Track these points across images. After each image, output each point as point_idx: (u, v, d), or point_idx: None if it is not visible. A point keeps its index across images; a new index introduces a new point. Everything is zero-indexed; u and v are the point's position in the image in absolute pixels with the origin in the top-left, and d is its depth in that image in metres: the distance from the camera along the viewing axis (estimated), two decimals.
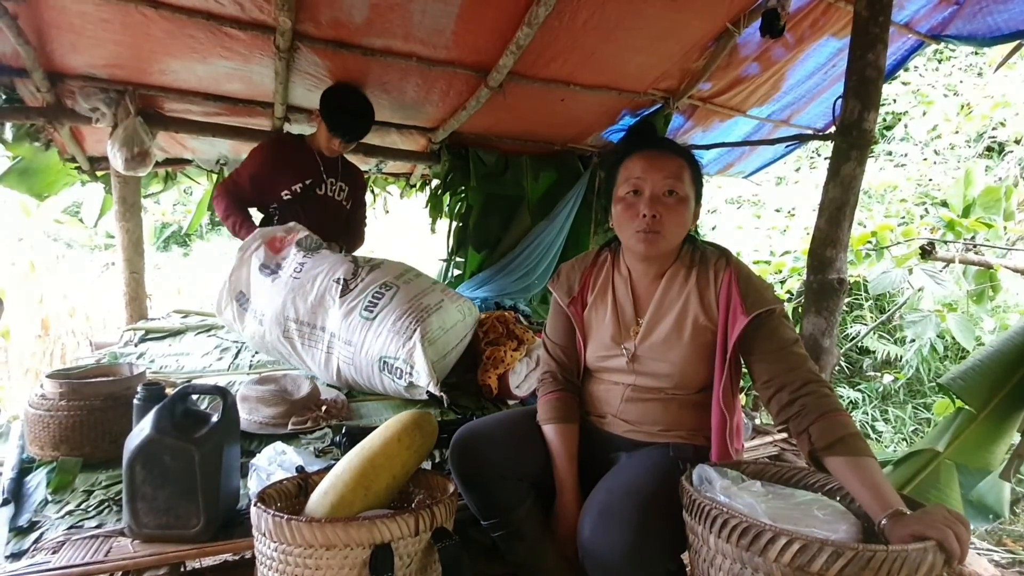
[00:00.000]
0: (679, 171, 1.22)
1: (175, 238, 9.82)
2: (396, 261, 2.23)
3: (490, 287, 3.35)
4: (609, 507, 1.05)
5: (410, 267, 2.21)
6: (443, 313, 2.02)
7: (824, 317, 1.98)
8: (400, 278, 2.09)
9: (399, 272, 2.12)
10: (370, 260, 2.17)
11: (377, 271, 2.10)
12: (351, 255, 2.20)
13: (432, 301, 2.03)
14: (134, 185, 3.06)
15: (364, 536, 0.95)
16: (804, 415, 1.06)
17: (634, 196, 1.22)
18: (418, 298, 2.01)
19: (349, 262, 2.12)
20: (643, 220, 1.19)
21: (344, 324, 1.99)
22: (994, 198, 4.14)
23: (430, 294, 2.06)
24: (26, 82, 2.27)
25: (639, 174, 1.22)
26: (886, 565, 0.78)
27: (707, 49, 2.61)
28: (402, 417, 1.21)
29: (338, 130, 2.49)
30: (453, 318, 2.06)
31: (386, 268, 2.13)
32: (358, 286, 2.04)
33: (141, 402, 1.31)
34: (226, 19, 2.03)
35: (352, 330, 1.98)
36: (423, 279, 2.15)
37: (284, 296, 2.07)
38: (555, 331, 1.40)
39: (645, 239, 1.20)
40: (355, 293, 2.02)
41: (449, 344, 2.03)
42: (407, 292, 2.02)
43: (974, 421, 1.92)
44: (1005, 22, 2.44)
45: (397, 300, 1.99)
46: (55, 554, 1.17)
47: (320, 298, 2.04)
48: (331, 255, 2.18)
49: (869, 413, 4.49)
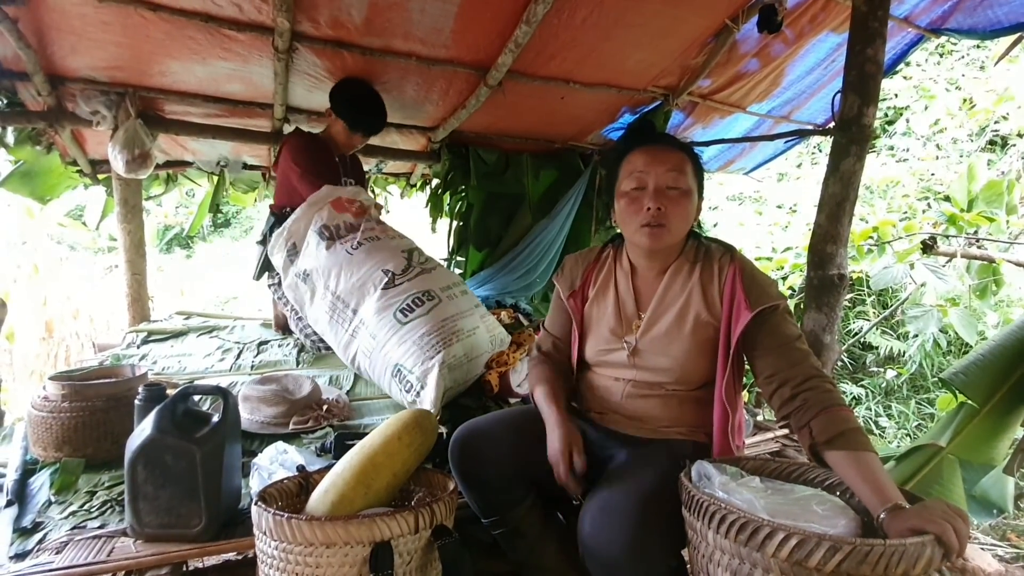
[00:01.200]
0: (681, 164, 1.22)
1: (177, 240, 9.86)
2: (449, 271, 2.17)
3: (491, 286, 3.36)
4: (609, 504, 1.05)
5: (460, 281, 2.15)
6: (473, 340, 1.95)
7: (825, 313, 1.97)
8: (446, 291, 2.01)
9: (447, 284, 2.05)
10: (425, 261, 2.12)
11: (426, 276, 2.03)
12: (408, 249, 2.13)
13: (467, 326, 1.95)
14: (135, 187, 3.07)
15: (364, 534, 0.95)
16: (806, 410, 1.06)
17: (637, 191, 1.22)
18: (454, 319, 1.94)
19: (404, 257, 2.06)
20: (647, 214, 1.19)
21: (376, 317, 1.94)
22: (997, 192, 4.12)
23: (468, 317, 1.99)
24: (27, 86, 2.28)
25: (642, 168, 1.22)
26: (884, 559, 0.78)
27: (706, 45, 2.60)
28: (403, 416, 1.22)
29: (360, 126, 2.49)
30: (481, 347, 1.99)
31: (436, 276, 2.06)
32: (403, 284, 1.97)
33: (142, 403, 1.32)
34: (225, 20, 2.04)
35: (381, 326, 1.93)
36: (467, 298, 2.07)
37: (331, 267, 2.05)
38: (553, 324, 1.42)
39: (650, 233, 1.21)
40: (398, 291, 1.96)
41: (468, 373, 1.96)
42: (446, 309, 1.95)
43: (977, 416, 1.91)
44: (1006, 15, 2.43)
45: (434, 314, 1.91)
46: (59, 554, 1.18)
47: (363, 282, 1.99)
48: (391, 243, 2.13)
49: (872, 409, 4.47)
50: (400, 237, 2.22)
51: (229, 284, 8.31)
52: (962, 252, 3.72)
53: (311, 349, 2.50)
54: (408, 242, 2.19)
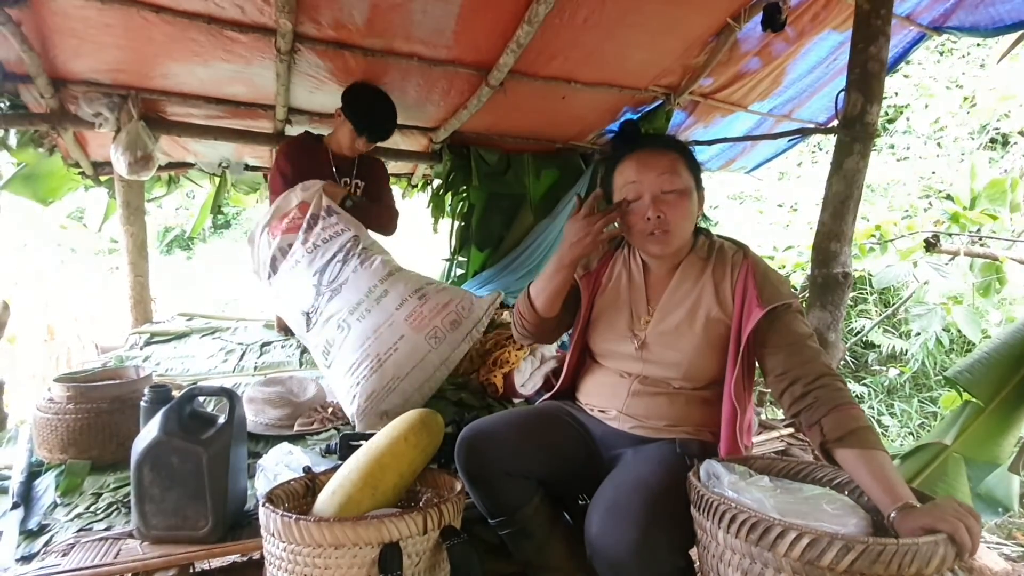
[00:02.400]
0: (673, 165, 1.22)
1: (178, 241, 9.86)
2: (370, 271, 1.88)
3: (493, 286, 3.35)
4: (616, 503, 1.05)
5: (379, 283, 1.85)
6: (400, 356, 1.70)
7: (829, 311, 1.97)
8: (355, 311, 1.78)
9: (358, 300, 1.80)
10: (338, 274, 1.88)
11: (335, 300, 1.81)
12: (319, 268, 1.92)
13: (385, 345, 1.70)
14: (138, 189, 3.07)
15: (373, 535, 0.95)
16: (817, 407, 1.06)
17: (634, 199, 1.22)
18: (367, 345, 1.70)
19: (313, 287, 1.86)
20: (650, 223, 1.20)
21: (318, 360, 1.85)
22: (999, 190, 4.12)
23: (384, 333, 1.72)
24: (30, 88, 2.28)
25: (634, 177, 1.22)
26: (896, 558, 0.77)
27: (708, 45, 2.60)
28: (408, 416, 1.21)
29: (365, 130, 2.48)
30: (417, 352, 1.73)
31: (347, 292, 1.82)
32: (317, 322, 1.80)
33: (148, 404, 1.32)
34: (227, 22, 2.04)
35: (323, 370, 1.84)
36: (384, 304, 1.79)
37: (280, 304, 2.00)
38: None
39: (656, 240, 1.21)
40: (316, 330, 1.79)
41: (418, 381, 1.74)
42: (357, 335, 1.74)
43: (982, 414, 1.91)
44: (1008, 12, 2.43)
45: (348, 345, 1.72)
46: (65, 557, 1.18)
47: (298, 326, 1.91)
48: (307, 260, 1.94)
49: (875, 407, 4.47)
50: (323, 243, 1.99)
51: (230, 285, 8.31)
52: (965, 250, 3.72)
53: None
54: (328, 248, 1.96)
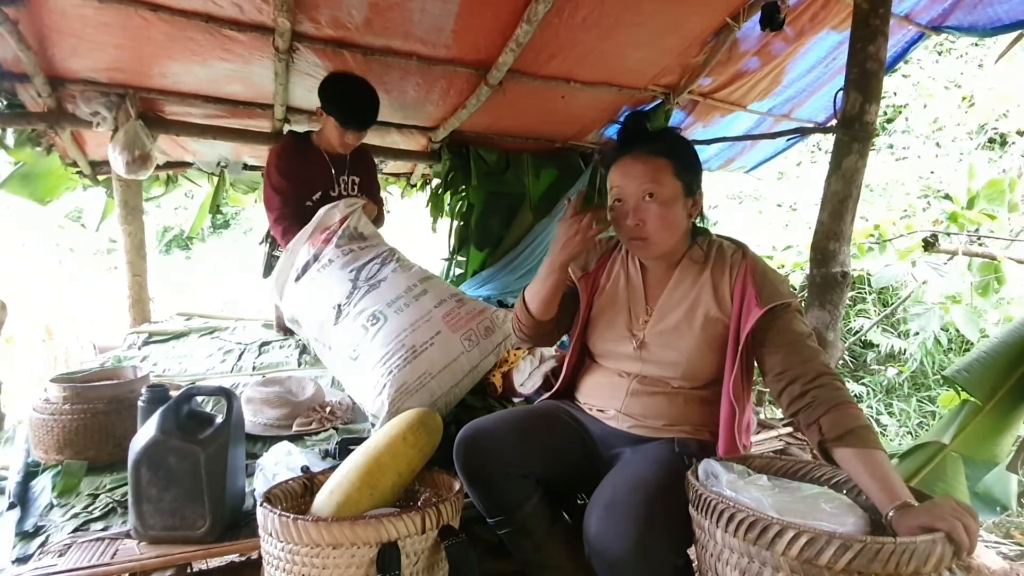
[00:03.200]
0: (655, 173, 1.20)
1: (176, 241, 9.85)
2: (408, 273, 1.91)
3: (493, 285, 3.36)
4: (615, 502, 1.05)
5: (418, 282, 1.87)
6: (434, 351, 1.69)
7: (828, 311, 1.97)
8: (393, 304, 1.76)
9: (396, 295, 1.80)
10: (377, 272, 1.88)
11: (373, 294, 1.80)
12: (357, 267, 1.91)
13: (422, 338, 1.69)
14: (136, 189, 3.07)
15: (371, 535, 0.95)
16: (815, 406, 1.06)
17: (619, 204, 1.25)
18: (403, 337, 1.69)
19: (349, 281, 1.84)
20: (629, 229, 1.22)
21: (337, 355, 1.78)
22: (998, 190, 4.12)
23: (422, 327, 1.71)
24: (27, 87, 2.28)
25: (618, 183, 1.24)
26: (894, 557, 0.77)
27: (707, 44, 2.60)
28: (407, 416, 1.21)
29: (351, 123, 2.33)
30: (451, 352, 1.72)
31: (385, 288, 1.81)
32: (349, 314, 1.77)
33: (145, 404, 1.31)
34: (225, 21, 2.03)
35: (344, 367, 1.78)
36: (423, 301, 1.80)
37: (302, 307, 1.94)
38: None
39: (637, 246, 1.24)
40: (345, 323, 1.77)
41: (447, 383, 1.72)
42: (393, 327, 1.71)
43: (980, 413, 1.91)
44: (1006, 12, 2.43)
45: (380, 338, 1.69)
46: (61, 557, 1.18)
47: (322, 321, 1.85)
48: (343, 262, 1.92)
49: (873, 407, 4.47)
50: (359, 249, 1.99)
51: (228, 285, 8.31)
52: (963, 250, 3.72)
53: (312, 350, 2.49)
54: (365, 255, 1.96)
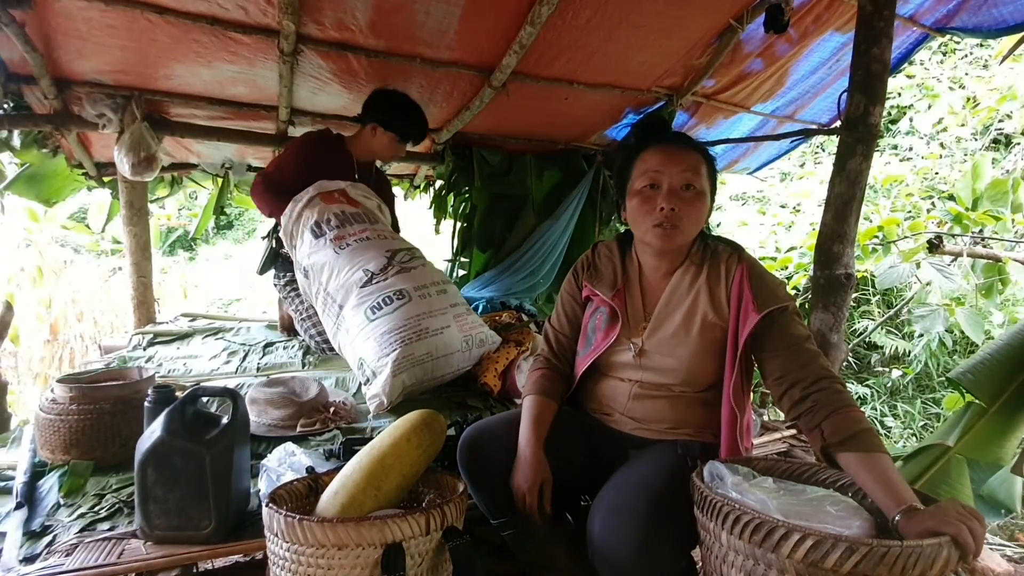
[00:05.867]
0: (697, 165, 1.21)
1: (180, 242, 9.87)
2: (434, 271, 2.19)
3: (495, 287, 3.36)
4: (618, 504, 1.05)
5: (442, 280, 2.15)
6: (440, 340, 1.98)
7: (831, 312, 1.97)
8: (420, 290, 2.04)
9: (424, 283, 2.07)
10: (409, 260, 2.13)
11: (404, 275, 2.06)
12: (392, 250, 2.16)
13: (435, 325, 1.98)
14: (141, 190, 3.08)
15: (376, 535, 0.95)
16: (817, 411, 1.05)
17: (651, 190, 1.21)
18: (420, 318, 1.96)
19: (386, 256, 2.10)
20: (660, 214, 1.19)
21: (352, 313, 2.02)
22: (1002, 191, 4.10)
23: (438, 316, 2.01)
24: (33, 89, 2.29)
25: (657, 167, 1.21)
26: (900, 560, 0.77)
27: (710, 46, 2.60)
28: (411, 417, 1.21)
29: (412, 137, 2.51)
30: (451, 346, 2.01)
31: (415, 275, 2.08)
32: (379, 283, 2.03)
33: (152, 405, 1.32)
34: (230, 24, 2.04)
35: (355, 322, 2.00)
36: (443, 298, 2.08)
37: (323, 264, 2.14)
38: (560, 318, 1.41)
39: (662, 233, 1.20)
40: (372, 289, 2.02)
41: (435, 371, 1.98)
42: (414, 307, 1.98)
43: (984, 415, 1.90)
44: (1011, 13, 2.42)
45: (400, 312, 1.95)
46: (68, 557, 1.18)
47: (347, 281, 2.07)
48: (380, 243, 2.16)
49: (878, 409, 4.46)
50: (392, 238, 2.25)
51: (232, 286, 8.32)
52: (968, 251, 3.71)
53: (316, 351, 2.50)
54: (398, 243, 2.22)
